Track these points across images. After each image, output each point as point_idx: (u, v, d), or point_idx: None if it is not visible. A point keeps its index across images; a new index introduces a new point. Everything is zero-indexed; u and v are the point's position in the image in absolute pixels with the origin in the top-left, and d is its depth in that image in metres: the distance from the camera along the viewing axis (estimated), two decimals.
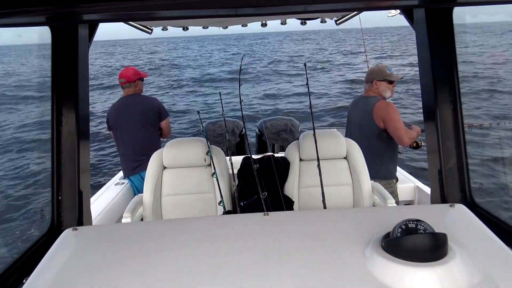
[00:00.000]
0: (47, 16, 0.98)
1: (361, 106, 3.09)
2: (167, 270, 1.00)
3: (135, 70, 3.48)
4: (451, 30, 1.46)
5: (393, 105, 2.96)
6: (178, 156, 2.60)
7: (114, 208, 3.10)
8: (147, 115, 3.37)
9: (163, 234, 1.19)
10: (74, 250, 1.17)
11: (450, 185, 1.49)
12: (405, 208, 2.00)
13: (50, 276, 1.02)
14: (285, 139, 4.19)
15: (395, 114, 2.89)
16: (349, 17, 3.25)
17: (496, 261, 0.96)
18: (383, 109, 2.91)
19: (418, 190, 3.31)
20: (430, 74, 1.48)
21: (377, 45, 39.52)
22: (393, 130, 2.87)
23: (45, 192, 5.10)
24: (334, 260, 1.00)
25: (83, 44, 1.47)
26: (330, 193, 2.28)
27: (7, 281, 1.20)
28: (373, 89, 3.05)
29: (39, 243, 1.40)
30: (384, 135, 2.97)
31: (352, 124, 3.20)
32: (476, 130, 3.89)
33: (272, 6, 1.04)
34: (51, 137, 1.47)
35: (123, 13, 1.05)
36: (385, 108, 2.91)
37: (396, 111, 2.92)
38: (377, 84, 3.03)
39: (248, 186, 2.47)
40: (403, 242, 0.91)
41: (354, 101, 3.31)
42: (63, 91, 1.46)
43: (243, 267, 1.00)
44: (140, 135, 3.35)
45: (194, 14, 1.17)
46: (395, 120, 2.87)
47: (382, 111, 2.90)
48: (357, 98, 3.29)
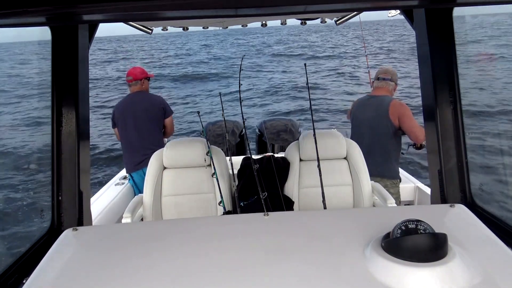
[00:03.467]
0: (47, 17, 0.98)
1: (373, 106, 3.10)
2: (168, 270, 1.00)
3: (142, 69, 3.61)
4: (451, 30, 1.46)
5: (405, 104, 3.03)
6: (178, 157, 2.61)
7: (114, 208, 3.10)
8: (152, 111, 3.47)
9: (163, 235, 1.19)
10: (74, 250, 1.17)
11: (450, 185, 1.49)
12: (405, 208, 2.00)
13: (50, 276, 1.02)
14: (285, 139, 4.19)
15: (410, 112, 2.96)
16: (349, 17, 3.25)
17: (496, 261, 0.96)
18: (399, 107, 2.95)
19: (418, 190, 3.31)
20: (430, 74, 1.47)
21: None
22: (409, 127, 2.92)
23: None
24: (334, 260, 1.00)
25: (83, 45, 1.48)
26: (330, 193, 2.28)
27: (7, 281, 1.20)
28: (389, 89, 3.11)
29: (39, 243, 1.40)
30: (399, 133, 3.02)
31: (362, 125, 3.18)
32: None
33: (272, 6, 1.04)
34: (51, 137, 1.47)
35: (123, 14, 1.05)
36: (401, 106, 2.97)
37: (409, 110, 2.98)
38: (395, 89, 3.14)
39: (248, 186, 2.47)
40: (403, 242, 0.91)
41: (360, 102, 3.29)
42: (63, 92, 1.46)
43: (243, 267, 1.00)
44: (145, 130, 3.42)
45: (194, 14, 1.17)
46: (411, 118, 2.93)
47: (398, 109, 2.94)
48: (364, 99, 3.28)
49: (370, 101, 3.16)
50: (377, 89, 3.15)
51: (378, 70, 3.29)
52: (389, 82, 3.10)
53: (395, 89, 3.17)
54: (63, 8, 0.85)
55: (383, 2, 1.09)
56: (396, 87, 3.16)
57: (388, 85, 3.10)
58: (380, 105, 3.00)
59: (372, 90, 3.25)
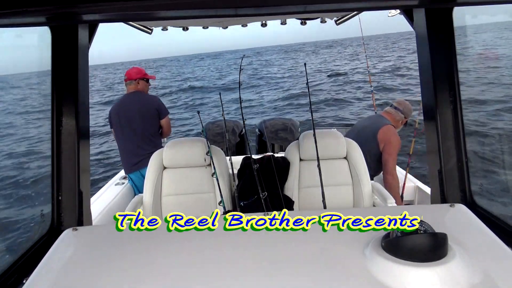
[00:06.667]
0: (47, 16, 0.98)
1: (371, 119, 3.30)
2: (168, 270, 1.00)
3: (138, 69, 3.59)
4: (451, 30, 1.46)
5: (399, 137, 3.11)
6: (178, 156, 2.60)
7: (114, 208, 3.10)
8: (146, 111, 3.44)
9: (162, 235, 1.19)
10: (74, 250, 1.17)
11: (450, 185, 1.49)
12: (405, 208, 1.99)
13: (50, 276, 1.02)
14: (285, 139, 4.20)
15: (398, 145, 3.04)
16: (349, 17, 3.25)
17: (496, 261, 0.96)
18: (391, 134, 3.06)
19: (418, 190, 3.31)
20: (430, 74, 1.47)
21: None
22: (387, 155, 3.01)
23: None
24: (334, 260, 1.00)
25: (83, 44, 1.47)
26: (330, 193, 2.28)
27: (7, 281, 1.20)
28: (395, 119, 3.22)
29: (39, 243, 1.40)
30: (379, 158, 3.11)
31: (354, 129, 3.37)
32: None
33: (272, 6, 1.04)
34: (51, 137, 1.47)
35: (123, 13, 1.05)
36: (393, 135, 3.07)
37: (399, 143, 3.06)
38: (403, 122, 3.27)
39: (248, 186, 2.47)
40: (403, 242, 0.91)
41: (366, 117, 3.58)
42: (63, 91, 1.46)
43: (241, 265, 1.00)
44: (140, 130, 3.39)
45: (194, 14, 1.17)
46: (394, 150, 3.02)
47: (389, 135, 3.05)
48: (371, 115, 3.58)
49: (371, 117, 3.41)
50: (385, 112, 3.31)
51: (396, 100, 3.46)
52: (399, 113, 3.24)
53: (403, 123, 3.30)
54: (63, 8, 0.85)
55: (383, 2, 1.09)
56: (405, 121, 3.29)
57: (397, 114, 3.24)
58: (376, 123, 3.16)
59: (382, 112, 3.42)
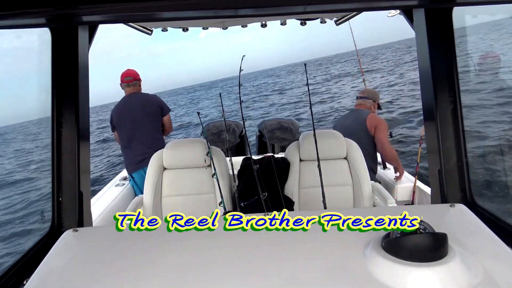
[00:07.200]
0: (47, 18, 0.98)
1: (352, 116, 3.51)
2: (168, 270, 1.00)
3: (135, 71, 3.62)
4: (451, 30, 1.46)
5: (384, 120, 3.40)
6: (178, 157, 2.61)
7: (115, 209, 3.10)
8: (149, 110, 3.48)
9: (163, 234, 1.19)
10: (74, 251, 1.17)
11: (450, 185, 1.49)
12: (405, 208, 1.99)
13: (51, 277, 1.02)
14: (285, 140, 4.20)
15: (386, 126, 3.30)
16: (349, 17, 3.25)
17: (496, 261, 0.96)
18: (376, 118, 3.35)
19: (418, 190, 3.31)
20: (430, 74, 1.47)
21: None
22: (380, 138, 3.24)
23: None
24: (334, 260, 1.00)
25: (83, 46, 1.47)
26: (330, 193, 2.28)
27: (7, 282, 1.20)
28: (367, 106, 3.53)
29: (39, 245, 1.40)
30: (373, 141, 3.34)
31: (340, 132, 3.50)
32: None
33: (272, 6, 1.04)
34: (51, 138, 1.47)
35: (123, 14, 1.05)
36: (378, 118, 3.35)
37: (386, 124, 3.32)
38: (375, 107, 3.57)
39: (248, 186, 2.47)
40: (403, 242, 0.91)
41: (342, 115, 3.79)
42: (63, 93, 1.46)
43: (241, 264, 1.00)
44: (143, 129, 3.42)
45: (194, 15, 1.17)
46: (385, 131, 3.27)
47: (375, 120, 3.32)
48: (346, 113, 3.77)
49: (349, 113, 3.63)
50: (357, 106, 3.59)
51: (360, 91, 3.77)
52: (367, 99, 3.54)
53: (375, 107, 3.57)
54: (63, 9, 0.85)
55: (383, 2, 1.09)
56: (376, 104, 3.56)
57: (366, 102, 3.54)
58: (359, 116, 3.38)
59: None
